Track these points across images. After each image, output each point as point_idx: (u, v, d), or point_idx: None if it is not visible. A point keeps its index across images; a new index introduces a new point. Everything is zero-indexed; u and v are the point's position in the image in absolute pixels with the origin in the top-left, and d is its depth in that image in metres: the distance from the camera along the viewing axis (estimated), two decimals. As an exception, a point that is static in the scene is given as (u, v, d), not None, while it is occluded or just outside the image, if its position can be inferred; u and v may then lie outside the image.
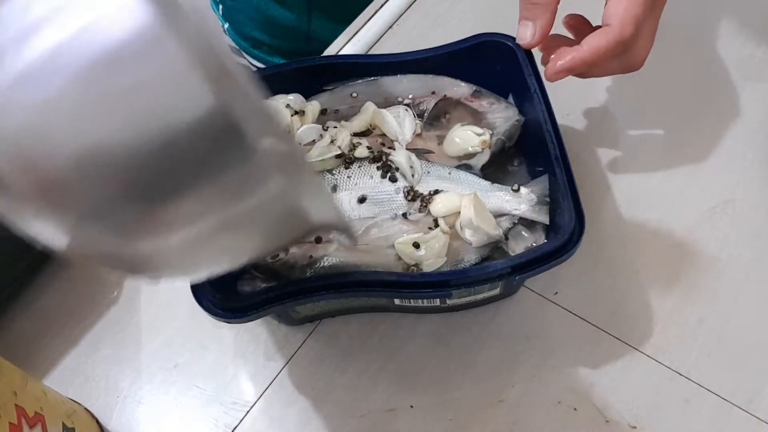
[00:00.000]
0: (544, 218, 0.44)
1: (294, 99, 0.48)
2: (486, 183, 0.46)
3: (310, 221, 0.23)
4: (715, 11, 0.61)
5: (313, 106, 0.48)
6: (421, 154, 0.47)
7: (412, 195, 0.44)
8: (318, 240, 0.43)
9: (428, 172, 0.46)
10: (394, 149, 0.46)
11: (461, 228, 0.43)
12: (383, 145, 0.47)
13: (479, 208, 0.42)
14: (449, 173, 0.46)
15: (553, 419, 0.44)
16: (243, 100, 0.20)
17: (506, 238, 0.44)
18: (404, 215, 0.44)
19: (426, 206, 0.44)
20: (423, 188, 0.45)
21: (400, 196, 0.45)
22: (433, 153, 0.48)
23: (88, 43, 0.18)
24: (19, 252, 0.50)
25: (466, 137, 0.47)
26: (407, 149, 0.46)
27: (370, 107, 0.47)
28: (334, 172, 0.46)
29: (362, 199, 0.45)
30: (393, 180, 0.45)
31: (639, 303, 0.47)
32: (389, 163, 0.45)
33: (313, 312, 0.47)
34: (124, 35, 0.18)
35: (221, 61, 0.19)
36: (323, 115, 0.49)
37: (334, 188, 0.45)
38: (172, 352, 0.49)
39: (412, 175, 0.45)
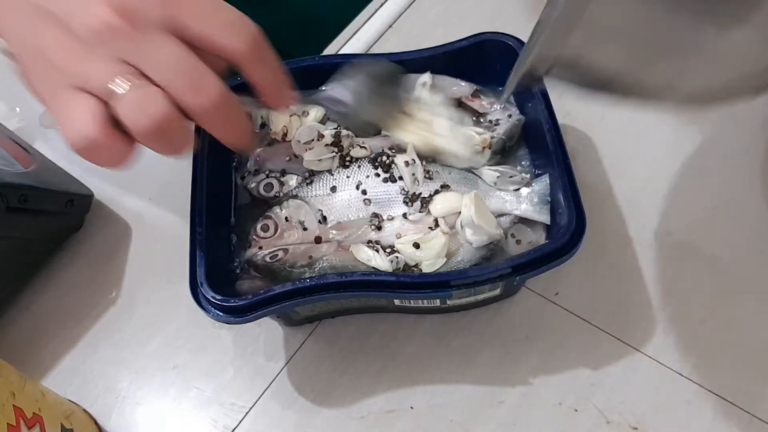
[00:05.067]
0: (545, 218, 0.44)
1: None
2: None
3: None
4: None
5: (318, 111, 0.47)
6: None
7: (412, 195, 0.44)
8: (318, 240, 0.43)
9: (429, 175, 0.45)
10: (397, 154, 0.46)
11: (462, 227, 0.42)
12: (391, 149, 0.46)
13: (480, 207, 0.42)
14: (450, 173, 0.46)
15: (553, 420, 0.44)
16: None
17: (506, 238, 0.44)
18: (404, 215, 0.44)
19: (426, 206, 0.44)
20: (423, 188, 0.44)
21: (400, 197, 0.44)
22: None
23: None
24: (19, 252, 0.49)
25: (466, 137, 0.46)
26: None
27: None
28: (333, 172, 0.45)
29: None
30: (393, 180, 0.45)
31: (640, 303, 0.47)
32: (389, 162, 0.45)
33: (313, 313, 0.47)
34: None
35: None
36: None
37: (333, 189, 0.45)
38: (170, 353, 0.49)
39: (413, 182, 0.44)
